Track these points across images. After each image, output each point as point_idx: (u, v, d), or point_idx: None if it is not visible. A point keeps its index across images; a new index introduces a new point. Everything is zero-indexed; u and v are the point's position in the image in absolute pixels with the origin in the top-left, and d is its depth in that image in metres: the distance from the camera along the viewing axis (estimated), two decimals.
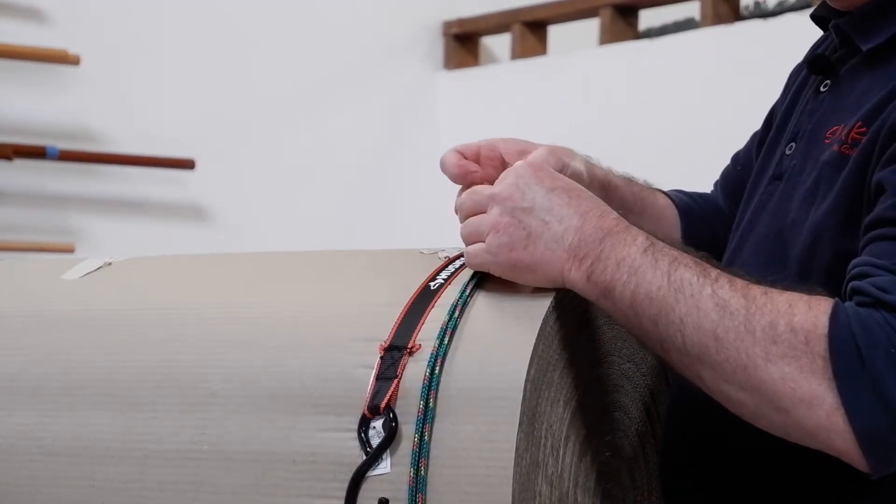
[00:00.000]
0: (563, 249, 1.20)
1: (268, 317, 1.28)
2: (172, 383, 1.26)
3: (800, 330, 1.13)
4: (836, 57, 1.43)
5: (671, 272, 1.17)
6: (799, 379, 1.12)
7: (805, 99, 1.46)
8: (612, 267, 1.18)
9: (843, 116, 1.34)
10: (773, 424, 1.16)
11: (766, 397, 1.14)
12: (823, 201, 1.31)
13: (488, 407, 1.15)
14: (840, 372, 1.12)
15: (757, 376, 1.14)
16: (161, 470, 1.25)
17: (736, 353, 1.14)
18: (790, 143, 1.43)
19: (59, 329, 1.34)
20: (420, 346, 1.19)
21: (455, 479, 1.15)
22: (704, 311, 1.15)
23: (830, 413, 1.12)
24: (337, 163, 4.06)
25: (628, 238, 1.20)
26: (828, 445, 1.14)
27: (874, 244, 1.20)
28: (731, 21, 3.47)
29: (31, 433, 1.30)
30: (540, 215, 1.21)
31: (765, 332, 1.14)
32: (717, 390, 1.17)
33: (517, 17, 4.03)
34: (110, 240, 3.65)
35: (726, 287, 1.16)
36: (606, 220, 1.21)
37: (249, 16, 3.94)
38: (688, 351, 1.16)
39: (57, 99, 3.61)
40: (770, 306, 1.15)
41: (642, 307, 1.17)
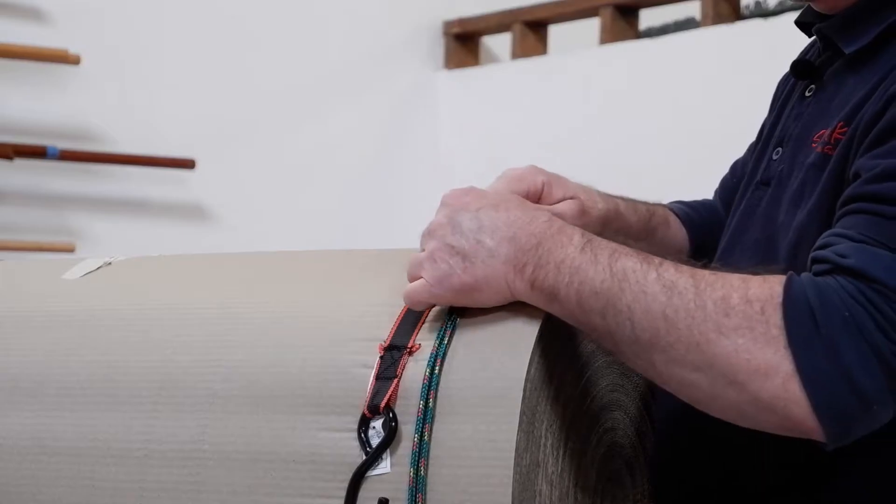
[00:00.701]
0: (501, 263, 1.19)
1: (268, 317, 1.28)
2: (173, 383, 1.26)
3: (755, 300, 1.12)
4: (820, 61, 1.44)
5: (612, 264, 1.16)
6: (753, 349, 1.11)
7: (791, 104, 1.46)
8: (553, 271, 1.17)
9: (829, 120, 1.34)
10: (728, 403, 1.14)
11: (721, 372, 1.12)
12: (808, 202, 1.31)
13: (488, 406, 1.15)
14: (795, 339, 1.11)
15: (710, 351, 1.12)
16: (161, 470, 1.25)
17: (687, 331, 1.13)
18: (777, 148, 1.43)
19: (59, 329, 1.34)
20: (420, 345, 1.19)
21: (455, 479, 1.15)
22: (651, 294, 1.14)
23: (786, 381, 1.11)
24: (337, 162, 4.06)
25: (563, 239, 1.19)
26: (785, 416, 1.12)
27: (844, 219, 1.20)
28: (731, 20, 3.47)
29: (31, 433, 1.30)
30: (471, 235, 1.20)
31: (716, 305, 1.12)
32: (670, 375, 1.15)
33: (517, 16, 4.03)
34: (110, 239, 3.65)
35: (671, 270, 1.15)
36: (537, 224, 1.20)
37: (250, 16, 3.94)
38: (638, 338, 1.15)
39: (57, 99, 3.62)
40: (721, 282, 1.14)
41: (589, 303, 1.16)
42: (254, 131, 3.93)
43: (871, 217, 1.18)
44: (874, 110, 1.26)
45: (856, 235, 1.17)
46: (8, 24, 3.55)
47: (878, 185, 1.19)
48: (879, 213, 1.17)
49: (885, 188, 1.18)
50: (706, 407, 1.16)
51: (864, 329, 1.11)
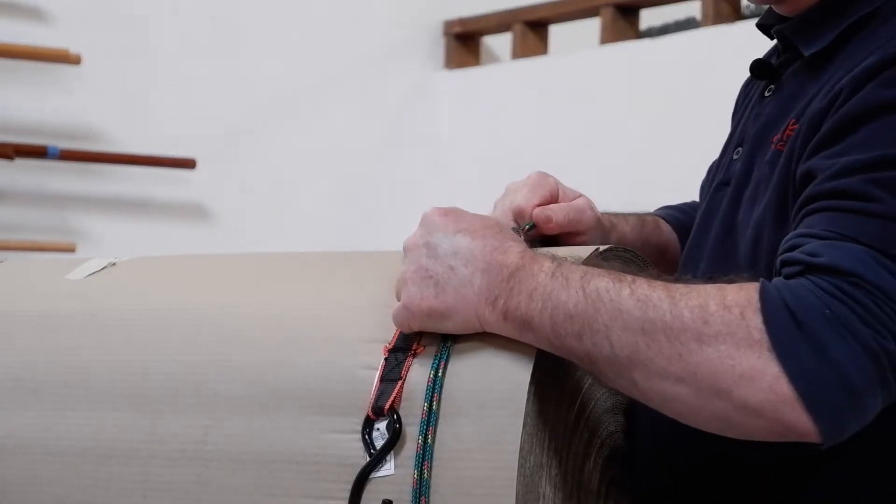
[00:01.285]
0: (473, 293, 1.18)
1: (271, 317, 1.28)
2: (176, 383, 1.26)
3: (734, 306, 1.12)
4: (778, 62, 1.44)
5: (584, 285, 1.15)
6: (736, 355, 1.10)
7: (751, 105, 1.47)
8: (525, 300, 1.16)
9: (784, 119, 1.35)
10: (713, 413, 1.13)
11: (705, 381, 1.11)
12: (762, 199, 1.31)
13: (492, 409, 1.15)
14: (778, 341, 1.10)
15: (692, 360, 1.11)
16: (165, 470, 1.25)
17: (667, 343, 1.12)
18: (737, 148, 1.43)
19: (62, 329, 1.34)
20: (424, 347, 1.19)
21: (459, 481, 1.15)
22: (627, 310, 1.13)
23: (774, 383, 1.10)
24: (338, 162, 4.06)
25: (535, 268, 1.18)
26: (775, 419, 1.11)
27: (805, 219, 1.20)
28: (731, 20, 3.47)
29: (34, 433, 1.30)
30: (446, 261, 1.19)
31: (693, 313, 1.12)
32: (652, 390, 1.15)
33: (518, 16, 4.03)
34: (111, 239, 3.65)
35: (644, 286, 1.15)
36: (511, 255, 1.19)
37: (250, 16, 3.94)
38: (616, 356, 1.14)
39: (58, 98, 3.61)
40: (696, 292, 1.13)
41: (564, 328, 1.15)
42: (255, 131, 3.92)
43: (835, 213, 1.17)
44: (819, 107, 1.26)
45: (822, 233, 1.16)
46: (9, 23, 3.55)
47: (837, 182, 1.19)
48: (842, 208, 1.17)
49: (845, 184, 1.18)
50: (690, 420, 1.15)
51: (848, 324, 1.11)
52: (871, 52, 1.25)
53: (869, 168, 1.18)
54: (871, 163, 1.18)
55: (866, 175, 1.17)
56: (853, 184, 1.17)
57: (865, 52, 1.27)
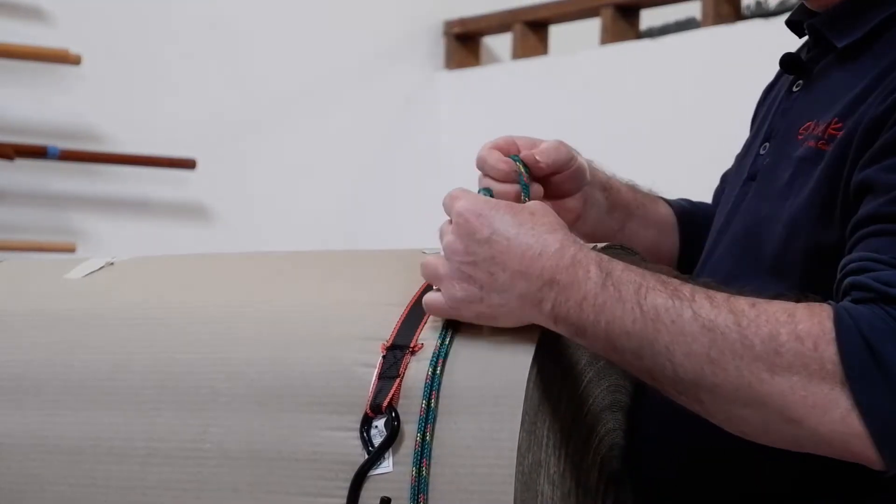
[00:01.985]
0: (516, 298, 1.17)
1: (270, 316, 1.28)
2: (175, 382, 1.26)
3: (806, 337, 1.11)
4: (809, 57, 1.44)
5: (641, 302, 1.14)
6: (809, 386, 1.11)
7: (778, 100, 1.46)
8: (575, 309, 1.15)
9: (817, 113, 1.34)
10: (783, 437, 1.14)
11: (775, 410, 1.12)
12: (798, 196, 1.30)
13: (490, 406, 1.15)
14: (853, 372, 1.10)
15: (762, 390, 1.11)
16: (164, 469, 1.25)
17: (736, 372, 1.12)
18: (764, 143, 1.43)
19: (61, 328, 1.34)
20: (422, 345, 1.19)
21: (457, 479, 1.15)
22: (691, 335, 1.13)
23: (846, 415, 1.11)
24: (338, 162, 4.06)
25: (580, 273, 1.16)
26: (844, 450, 1.12)
27: (870, 240, 1.19)
28: (732, 21, 3.47)
29: (33, 432, 1.30)
30: (484, 267, 1.18)
31: (765, 344, 1.11)
32: (719, 411, 1.15)
33: (518, 16, 4.03)
34: (111, 239, 3.65)
35: (707, 305, 1.13)
36: (547, 257, 1.17)
37: (250, 15, 3.94)
38: (680, 378, 1.14)
39: (58, 99, 3.61)
40: (765, 317, 1.12)
41: (620, 343, 1.15)
42: (255, 131, 3.92)
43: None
44: (876, 112, 1.24)
45: (892, 260, 1.15)
46: (9, 23, 3.55)
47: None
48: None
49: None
50: (756, 438, 1.16)
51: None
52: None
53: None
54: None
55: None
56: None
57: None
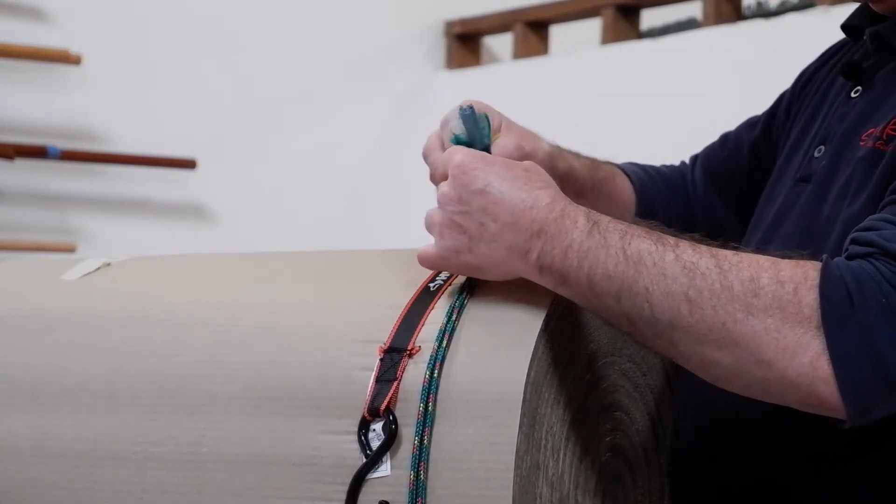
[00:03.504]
0: (504, 248, 1.19)
1: (268, 318, 1.28)
2: (172, 385, 1.26)
3: (787, 281, 1.13)
4: (869, 63, 1.44)
5: (625, 247, 1.16)
6: (783, 329, 1.12)
7: (834, 104, 1.46)
8: (560, 256, 1.17)
9: (879, 119, 1.35)
10: (751, 381, 1.15)
11: (747, 351, 1.13)
12: (858, 197, 1.32)
13: (488, 409, 1.15)
14: (829, 318, 1.11)
15: (736, 330, 1.13)
16: (161, 472, 1.24)
17: (713, 311, 1.13)
18: (819, 146, 1.43)
19: (58, 331, 1.34)
20: (420, 348, 1.19)
21: (455, 482, 1.15)
22: (671, 275, 1.14)
23: (815, 359, 1.12)
24: (338, 162, 4.05)
25: (567, 223, 1.18)
26: (809, 393, 1.13)
27: (888, 207, 1.21)
28: (733, 21, 3.46)
29: (30, 435, 1.30)
30: (476, 217, 1.20)
31: (744, 285, 1.13)
32: (692, 354, 1.16)
33: (519, 17, 4.02)
34: (111, 239, 3.65)
35: (689, 251, 1.15)
36: (538, 209, 1.19)
37: (251, 15, 3.94)
38: (657, 319, 1.15)
39: (58, 99, 3.61)
40: (747, 262, 1.14)
41: (602, 287, 1.16)
42: (255, 131, 3.92)
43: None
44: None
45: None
46: (8, 23, 3.55)
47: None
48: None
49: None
50: (726, 384, 1.17)
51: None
52: None
53: None
54: None
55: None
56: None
57: None
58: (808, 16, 3.21)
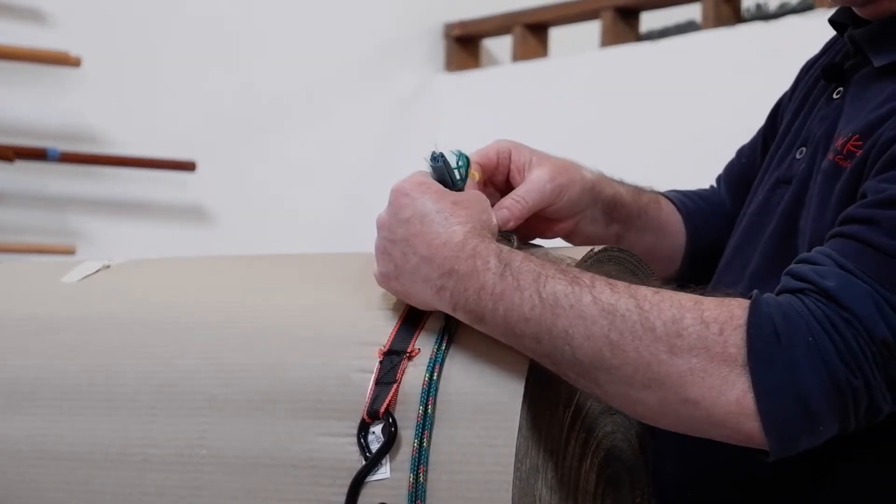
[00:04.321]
0: (421, 281, 1.20)
1: (267, 321, 1.28)
2: (171, 388, 1.26)
3: (712, 322, 1.13)
4: (849, 64, 1.42)
5: (540, 289, 1.15)
6: (709, 368, 1.12)
7: (818, 105, 1.45)
8: (474, 297, 1.17)
9: (850, 129, 1.33)
10: (678, 419, 1.15)
11: (672, 390, 1.13)
12: (821, 212, 1.30)
13: (487, 412, 1.15)
14: (756, 356, 1.11)
15: (661, 371, 1.12)
16: (160, 475, 1.24)
17: (636, 353, 1.13)
18: (801, 147, 1.42)
19: (57, 333, 1.34)
20: (419, 350, 1.19)
21: (455, 485, 1.15)
22: (590, 318, 1.14)
23: (741, 396, 1.12)
24: (338, 165, 4.05)
25: (479, 264, 1.17)
26: (736, 430, 1.13)
27: (834, 239, 1.20)
28: (732, 23, 3.46)
29: (29, 437, 1.30)
30: (399, 247, 1.22)
31: (667, 326, 1.12)
32: (616, 394, 1.16)
33: (518, 19, 4.02)
34: (111, 241, 3.64)
35: (607, 291, 1.14)
36: (450, 247, 1.19)
37: (250, 17, 3.94)
38: (579, 360, 1.14)
39: (58, 101, 3.61)
40: (669, 302, 1.14)
41: (520, 328, 1.15)
42: (254, 133, 3.92)
43: (861, 245, 1.17)
44: (889, 135, 1.24)
45: (842, 261, 1.16)
46: (8, 25, 3.55)
47: (877, 211, 1.19)
48: (870, 242, 1.17)
49: (882, 216, 1.18)
50: (652, 423, 1.18)
51: (825, 355, 1.12)
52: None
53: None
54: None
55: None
56: (889, 218, 1.17)
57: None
58: (808, 18, 3.21)
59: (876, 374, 1.14)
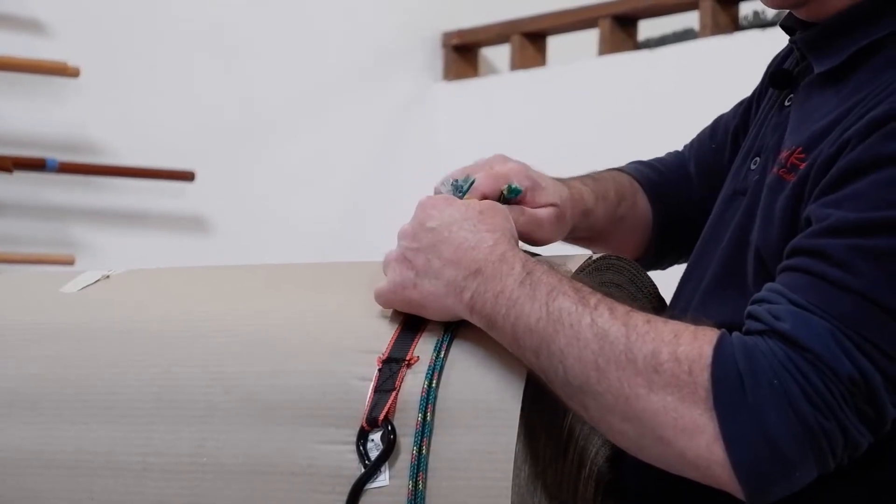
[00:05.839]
0: (443, 285, 1.21)
1: (266, 329, 1.28)
2: (171, 396, 1.26)
3: (684, 360, 1.12)
4: (797, 70, 1.41)
5: (549, 302, 1.16)
6: (681, 409, 1.11)
7: (771, 112, 1.44)
8: (491, 300, 1.18)
9: (793, 140, 1.32)
10: (654, 455, 1.15)
11: (649, 427, 1.13)
12: (765, 226, 1.29)
13: (486, 419, 1.15)
14: (721, 403, 1.11)
15: (639, 406, 1.12)
16: (160, 483, 1.25)
17: (618, 383, 1.13)
18: (755, 157, 1.41)
19: (57, 342, 1.34)
20: (418, 358, 1.20)
21: (454, 492, 1.15)
22: (584, 340, 1.14)
23: (711, 442, 1.11)
24: (337, 173, 4.05)
25: (504, 268, 1.19)
26: (708, 476, 1.12)
27: (784, 273, 1.19)
28: (730, 31, 3.46)
29: (30, 446, 1.30)
30: (424, 253, 1.23)
31: (646, 360, 1.12)
32: (601, 421, 1.16)
33: (516, 28, 4.02)
34: (110, 251, 3.64)
35: (606, 315, 1.15)
36: (480, 250, 1.21)
37: (248, 27, 3.94)
38: (570, 382, 1.15)
39: (56, 111, 3.61)
40: (653, 335, 1.13)
41: (524, 339, 1.16)
42: (253, 143, 3.92)
43: (812, 279, 1.16)
44: (829, 153, 1.23)
45: (795, 298, 1.15)
46: (7, 36, 3.55)
47: (824, 240, 1.17)
48: (822, 275, 1.15)
49: (830, 245, 1.16)
50: (634, 454, 1.17)
51: (792, 398, 1.10)
52: (881, 99, 1.22)
53: (856, 231, 1.16)
54: (860, 225, 1.16)
55: (852, 240, 1.15)
56: (837, 249, 1.15)
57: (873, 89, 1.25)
58: None
59: (847, 413, 1.12)
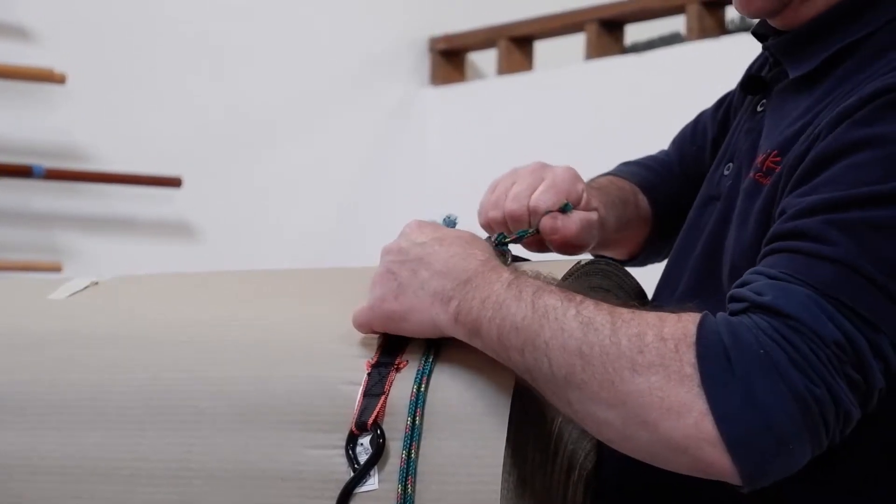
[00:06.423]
0: (429, 295, 1.20)
1: (254, 334, 1.28)
2: (159, 402, 1.26)
3: (669, 338, 1.11)
4: (770, 76, 1.42)
5: (535, 300, 1.15)
6: (667, 388, 1.10)
7: (744, 118, 1.45)
8: (478, 306, 1.17)
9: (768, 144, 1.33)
10: (640, 443, 1.12)
11: (633, 411, 1.11)
12: (741, 231, 1.30)
13: (475, 423, 1.15)
14: (708, 378, 1.09)
15: (623, 389, 1.11)
16: (148, 489, 1.24)
17: (602, 368, 1.11)
18: (728, 163, 1.42)
19: (45, 348, 1.34)
20: (407, 362, 1.19)
21: (442, 496, 1.15)
22: (569, 330, 1.13)
23: (699, 420, 1.09)
24: (324, 179, 4.06)
25: (493, 276, 1.19)
26: (697, 457, 1.10)
27: (763, 259, 1.19)
28: (716, 35, 3.47)
29: (17, 452, 1.29)
30: (410, 265, 1.22)
31: (631, 342, 1.11)
32: (586, 413, 1.14)
33: (503, 32, 4.03)
34: (97, 258, 3.64)
35: (591, 307, 1.14)
36: (471, 261, 1.21)
37: (236, 33, 3.94)
38: (554, 374, 1.14)
39: (43, 117, 3.61)
40: (638, 320, 1.13)
41: (509, 339, 1.15)
42: (240, 149, 3.92)
43: (790, 255, 1.16)
44: (800, 150, 1.24)
45: (773, 272, 1.15)
46: None
47: (799, 222, 1.18)
48: (797, 249, 1.16)
49: (805, 224, 1.17)
50: (619, 447, 1.15)
51: (779, 366, 1.09)
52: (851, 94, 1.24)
53: (830, 208, 1.16)
54: (834, 203, 1.17)
55: (826, 216, 1.16)
56: (812, 225, 1.16)
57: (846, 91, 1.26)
58: None
59: (836, 378, 1.11)
